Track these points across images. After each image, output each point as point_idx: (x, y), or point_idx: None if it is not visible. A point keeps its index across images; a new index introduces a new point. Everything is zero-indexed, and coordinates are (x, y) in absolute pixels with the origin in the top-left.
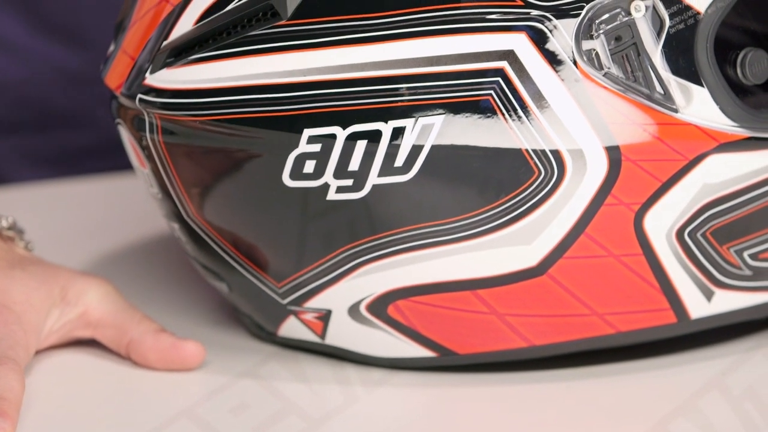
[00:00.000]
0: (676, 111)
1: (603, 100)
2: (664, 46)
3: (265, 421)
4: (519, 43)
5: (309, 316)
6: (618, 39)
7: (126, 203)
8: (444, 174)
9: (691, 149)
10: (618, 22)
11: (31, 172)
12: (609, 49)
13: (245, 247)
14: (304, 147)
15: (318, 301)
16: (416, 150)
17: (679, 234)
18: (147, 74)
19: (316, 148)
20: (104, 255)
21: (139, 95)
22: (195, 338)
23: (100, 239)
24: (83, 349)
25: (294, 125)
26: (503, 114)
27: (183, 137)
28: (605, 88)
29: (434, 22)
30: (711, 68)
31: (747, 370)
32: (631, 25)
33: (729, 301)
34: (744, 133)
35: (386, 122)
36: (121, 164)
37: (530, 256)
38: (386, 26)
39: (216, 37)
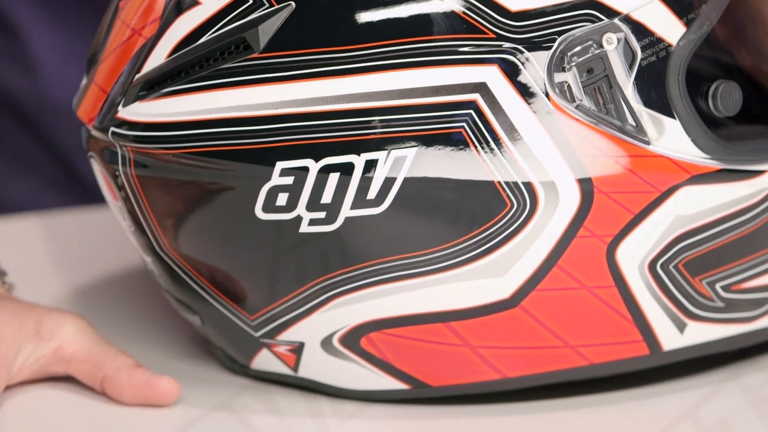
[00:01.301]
0: (648, 143)
1: (575, 133)
2: (636, 79)
3: None
4: (491, 75)
5: (282, 349)
6: (590, 71)
7: (98, 237)
8: (416, 206)
9: (663, 181)
10: (590, 55)
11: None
12: (581, 82)
13: (218, 280)
14: (276, 180)
15: (291, 334)
16: (389, 182)
17: (652, 266)
18: (119, 107)
19: (289, 180)
20: (77, 289)
21: (112, 128)
22: (168, 371)
23: (73, 273)
24: (58, 385)
25: (266, 158)
26: (476, 146)
27: (156, 170)
28: (577, 120)
29: (406, 55)
30: (683, 100)
31: (720, 402)
32: (603, 58)
33: (701, 333)
34: (716, 165)
35: (359, 155)
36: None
37: (503, 289)
38: (358, 59)
39: (189, 70)
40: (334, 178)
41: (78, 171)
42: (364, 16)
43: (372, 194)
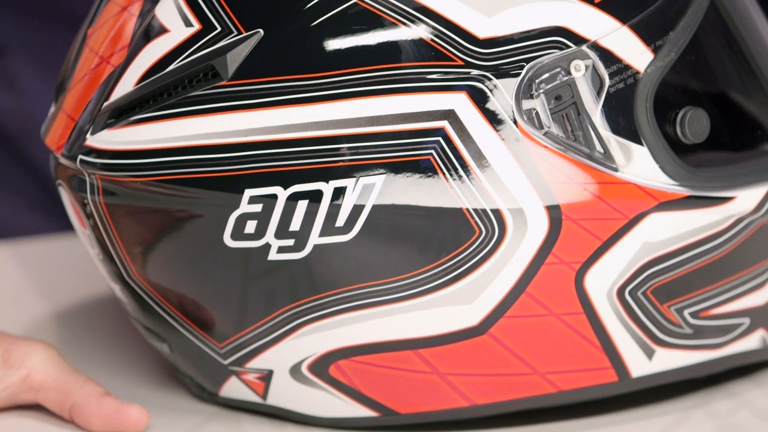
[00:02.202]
0: (616, 170)
1: (543, 160)
2: (604, 105)
3: None
4: (459, 102)
5: (250, 377)
6: (558, 98)
7: (66, 265)
8: (385, 234)
9: (631, 208)
10: (558, 82)
11: None
12: (549, 109)
13: (187, 308)
14: (245, 207)
15: (259, 362)
16: (357, 210)
17: (620, 293)
18: (88, 135)
19: (257, 208)
20: (46, 317)
21: (80, 156)
22: (136, 399)
23: (42, 302)
24: (27, 413)
25: (235, 185)
26: (444, 173)
27: (124, 198)
28: (546, 147)
29: (375, 82)
30: (651, 127)
31: (688, 429)
32: (571, 85)
33: (670, 360)
34: (684, 191)
35: (327, 182)
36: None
37: (471, 316)
38: (327, 86)
39: (157, 98)
40: (302, 205)
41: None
42: (333, 44)
43: (341, 221)
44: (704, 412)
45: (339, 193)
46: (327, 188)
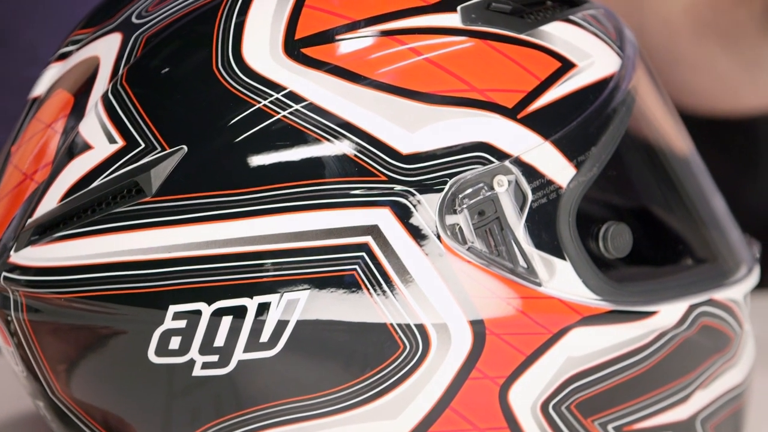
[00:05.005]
0: (539, 285)
1: (467, 275)
2: (527, 221)
3: None
4: (383, 218)
5: None
6: (481, 213)
7: None
8: (310, 349)
9: (554, 323)
10: (481, 197)
11: None
12: (472, 224)
13: (111, 424)
14: (169, 323)
15: None
16: (281, 325)
17: (544, 407)
18: (11, 252)
19: (182, 324)
20: None
21: (4, 273)
22: None
23: None
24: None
25: (159, 302)
26: (368, 289)
27: (48, 315)
28: (469, 262)
29: (298, 198)
30: (573, 242)
31: None
32: (494, 200)
33: None
34: (606, 306)
35: (251, 298)
36: None
37: (396, 431)
38: (250, 202)
39: (81, 215)
40: (226, 321)
41: None
42: (257, 160)
43: (265, 337)
44: None
45: (263, 308)
46: (251, 304)
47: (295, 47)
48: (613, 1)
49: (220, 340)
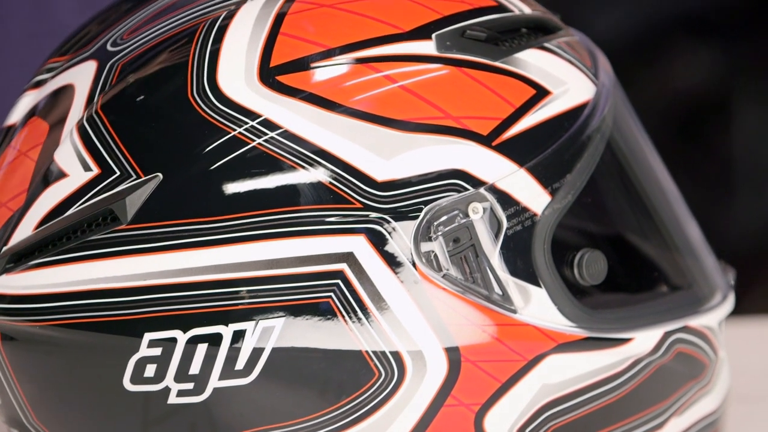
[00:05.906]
0: (514, 312)
1: (442, 302)
2: (502, 248)
3: None
4: (358, 245)
5: None
6: (456, 240)
7: None
8: (285, 376)
9: (529, 350)
10: (456, 224)
11: None
12: (447, 251)
13: None
14: (144, 351)
15: None
16: (257, 353)
17: None
18: None
19: (157, 351)
20: None
21: None
22: None
23: None
24: None
25: (134, 329)
26: (343, 316)
27: (24, 343)
28: (444, 289)
29: (274, 225)
30: (548, 269)
31: None
32: (469, 227)
33: None
34: (582, 333)
35: (227, 325)
36: None
37: None
38: (225, 230)
39: (56, 242)
40: (202, 348)
41: None
42: (232, 187)
43: (240, 365)
44: None
45: (238, 336)
46: (226, 331)
47: (270, 75)
48: None
49: (195, 368)
